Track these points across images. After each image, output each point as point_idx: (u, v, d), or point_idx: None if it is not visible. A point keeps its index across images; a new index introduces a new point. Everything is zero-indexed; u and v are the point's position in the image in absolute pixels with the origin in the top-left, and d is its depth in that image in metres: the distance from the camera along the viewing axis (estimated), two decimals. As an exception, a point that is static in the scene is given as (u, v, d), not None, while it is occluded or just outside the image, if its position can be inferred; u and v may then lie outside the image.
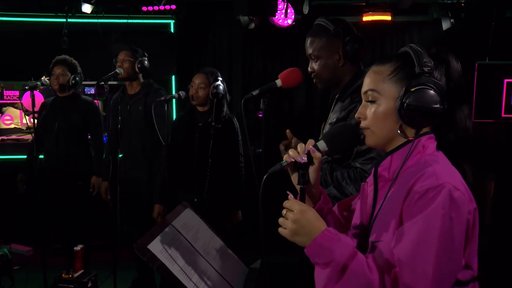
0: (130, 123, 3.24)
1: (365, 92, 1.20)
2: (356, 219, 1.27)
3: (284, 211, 1.12)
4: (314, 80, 1.99)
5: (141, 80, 3.31)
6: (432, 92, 1.09)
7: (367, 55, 1.99)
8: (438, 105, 1.09)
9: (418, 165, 1.11)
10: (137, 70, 3.21)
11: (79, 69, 3.49)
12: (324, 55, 1.91)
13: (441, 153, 1.15)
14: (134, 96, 3.26)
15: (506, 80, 4.24)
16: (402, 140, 1.17)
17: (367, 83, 1.20)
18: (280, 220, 1.12)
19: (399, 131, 1.15)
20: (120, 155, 3.41)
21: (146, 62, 3.23)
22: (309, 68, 1.98)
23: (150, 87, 3.30)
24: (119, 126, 3.22)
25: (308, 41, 1.96)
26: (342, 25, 1.91)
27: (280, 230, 1.12)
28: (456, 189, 1.03)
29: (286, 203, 1.12)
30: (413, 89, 1.09)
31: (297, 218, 1.09)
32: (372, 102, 1.18)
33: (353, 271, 1.03)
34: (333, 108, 1.98)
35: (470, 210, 1.05)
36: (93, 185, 3.43)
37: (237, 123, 3.06)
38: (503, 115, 4.28)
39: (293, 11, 4.08)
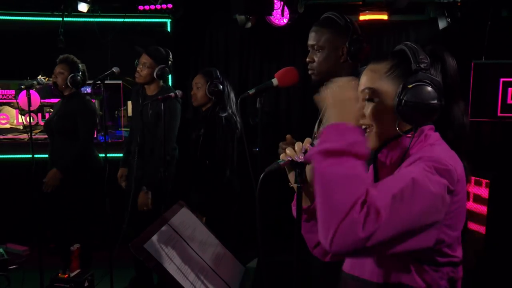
0: (142, 123, 3.24)
1: (362, 91, 1.21)
2: None
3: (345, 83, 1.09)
4: (309, 71, 1.98)
5: (160, 83, 3.32)
6: (429, 88, 1.09)
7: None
8: (435, 101, 1.10)
9: (419, 150, 1.12)
10: (155, 76, 3.21)
11: (81, 67, 3.46)
12: (328, 47, 1.91)
13: (444, 142, 1.16)
14: (150, 97, 3.25)
15: (502, 79, 4.25)
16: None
17: (364, 81, 1.21)
18: (334, 87, 1.09)
19: (397, 129, 1.15)
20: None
21: (167, 69, 3.23)
22: (308, 58, 1.96)
23: (167, 90, 3.26)
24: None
25: (314, 30, 1.95)
26: (352, 22, 1.93)
27: (327, 91, 1.09)
28: (448, 162, 1.05)
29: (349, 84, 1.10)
30: (410, 86, 1.10)
31: (349, 98, 1.07)
32: (370, 100, 1.18)
33: (347, 159, 1.00)
34: None
35: (456, 183, 1.05)
36: (47, 176, 3.33)
37: (227, 122, 2.90)
38: (499, 114, 4.28)
39: (289, 10, 4.08)
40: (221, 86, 2.93)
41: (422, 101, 1.09)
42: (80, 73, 3.43)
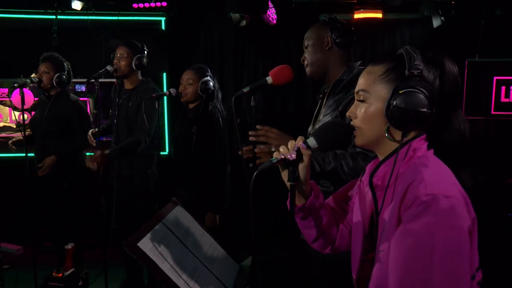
0: (120, 119, 3.18)
1: (357, 92, 1.21)
2: (356, 219, 1.26)
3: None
4: (306, 70, 2.05)
5: (139, 77, 3.24)
6: (420, 95, 1.08)
7: (357, 52, 2.01)
8: (425, 109, 1.08)
9: (409, 169, 1.11)
10: (134, 67, 3.14)
11: (66, 66, 3.37)
12: (314, 40, 2.01)
13: (431, 153, 1.14)
14: (128, 92, 3.19)
15: (495, 78, 4.28)
16: (392, 144, 1.16)
17: (361, 83, 1.21)
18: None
19: (386, 134, 1.15)
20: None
21: (144, 59, 3.15)
22: (302, 58, 2.05)
23: (147, 84, 3.23)
24: (115, 121, 3.18)
25: (305, 35, 2.06)
26: (335, 17, 2.03)
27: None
28: (447, 197, 1.01)
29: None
30: (401, 91, 1.09)
31: None
32: (363, 101, 1.19)
33: None
34: (325, 103, 1.98)
35: (465, 214, 1.03)
36: (44, 162, 3.23)
37: (219, 120, 2.92)
38: (492, 112, 4.31)
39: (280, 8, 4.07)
40: (212, 84, 2.92)
41: (411, 108, 1.08)
42: (66, 72, 3.34)
